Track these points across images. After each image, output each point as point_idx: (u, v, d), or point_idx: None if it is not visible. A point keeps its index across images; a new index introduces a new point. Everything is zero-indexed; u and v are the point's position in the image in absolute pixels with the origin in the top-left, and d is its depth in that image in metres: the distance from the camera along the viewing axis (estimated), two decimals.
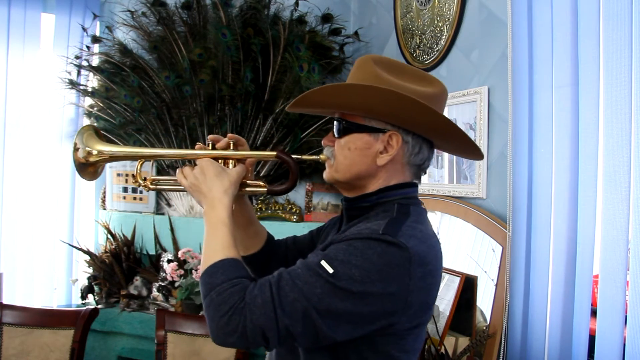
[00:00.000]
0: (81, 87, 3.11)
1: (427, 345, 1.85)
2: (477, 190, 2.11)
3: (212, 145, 1.14)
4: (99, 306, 2.70)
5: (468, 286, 1.99)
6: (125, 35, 2.97)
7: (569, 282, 1.64)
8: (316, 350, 0.97)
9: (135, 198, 3.03)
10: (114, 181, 3.10)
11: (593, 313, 1.57)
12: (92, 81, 3.11)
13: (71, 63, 3.09)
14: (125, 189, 3.06)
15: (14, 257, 3.01)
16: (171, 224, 2.82)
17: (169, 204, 2.97)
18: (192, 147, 1.18)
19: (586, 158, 1.59)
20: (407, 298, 0.91)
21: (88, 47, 3.14)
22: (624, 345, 1.44)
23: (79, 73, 3.11)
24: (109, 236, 2.94)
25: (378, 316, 0.91)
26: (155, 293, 2.69)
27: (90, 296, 2.88)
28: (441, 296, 2.02)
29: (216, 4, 2.70)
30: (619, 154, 1.46)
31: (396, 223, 0.95)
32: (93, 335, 2.55)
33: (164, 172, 2.87)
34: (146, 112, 2.86)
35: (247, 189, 1.15)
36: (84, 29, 3.15)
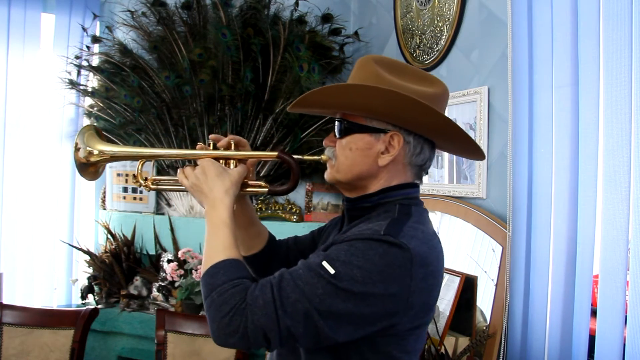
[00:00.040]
0: (81, 87, 3.11)
1: (427, 345, 1.85)
2: (477, 190, 2.11)
3: (213, 145, 1.14)
4: (99, 306, 2.70)
5: (468, 286, 1.99)
6: (125, 35, 2.97)
7: (569, 282, 1.64)
8: (317, 350, 0.97)
9: (135, 198, 3.02)
10: (114, 181, 3.10)
11: (593, 313, 1.57)
12: (92, 81, 3.12)
13: (71, 63, 3.09)
14: (125, 189, 3.06)
15: (14, 257, 3.02)
16: (171, 224, 2.82)
17: (169, 204, 2.97)
18: (192, 147, 1.18)
19: (586, 158, 1.59)
20: (409, 299, 0.91)
21: (88, 47, 3.14)
22: (624, 345, 1.44)
23: (79, 73, 3.11)
24: (109, 236, 2.94)
25: (379, 317, 0.91)
26: (155, 293, 2.69)
27: (90, 296, 2.88)
28: (441, 296, 2.02)
29: (216, 4, 2.70)
30: (619, 154, 1.46)
31: (398, 224, 0.95)
32: (93, 335, 2.55)
33: (164, 172, 2.87)
34: (146, 112, 2.86)
35: (249, 189, 1.14)
36: (84, 29, 3.15)
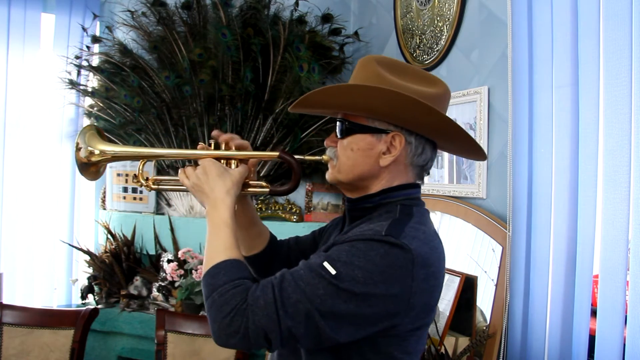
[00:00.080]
0: (81, 87, 3.11)
1: (427, 345, 1.85)
2: (477, 190, 2.11)
3: (215, 145, 1.14)
4: (99, 306, 2.70)
5: (468, 286, 1.99)
6: (125, 35, 2.97)
7: (569, 282, 1.64)
8: (318, 351, 0.97)
9: (135, 198, 3.02)
10: (114, 181, 3.09)
11: (593, 313, 1.57)
12: (92, 81, 3.11)
13: (71, 63, 3.08)
14: (125, 189, 3.06)
15: (14, 257, 3.01)
16: (171, 224, 2.82)
17: (169, 204, 2.97)
18: (193, 147, 1.18)
19: (586, 158, 1.59)
20: (410, 300, 0.91)
21: (88, 47, 3.13)
22: (624, 345, 1.44)
23: (79, 73, 3.11)
24: (109, 236, 2.93)
25: (380, 318, 0.91)
26: (155, 293, 2.69)
27: (90, 296, 2.88)
28: (441, 296, 2.00)
29: (216, 4, 2.70)
30: (619, 154, 1.47)
31: (399, 224, 0.95)
32: (93, 335, 2.55)
33: (164, 172, 2.87)
34: (146, 112, 2.85)
35: (250, 190, 1.14)
36: (84, 29, 3.15)
